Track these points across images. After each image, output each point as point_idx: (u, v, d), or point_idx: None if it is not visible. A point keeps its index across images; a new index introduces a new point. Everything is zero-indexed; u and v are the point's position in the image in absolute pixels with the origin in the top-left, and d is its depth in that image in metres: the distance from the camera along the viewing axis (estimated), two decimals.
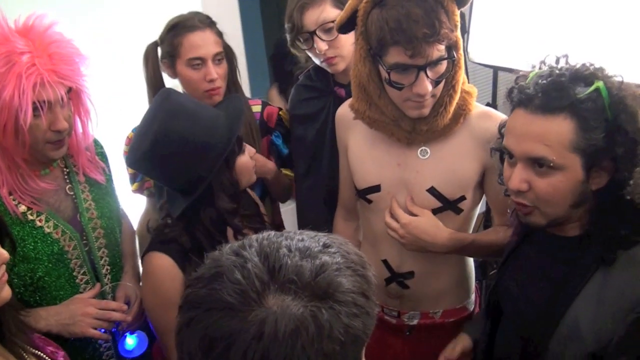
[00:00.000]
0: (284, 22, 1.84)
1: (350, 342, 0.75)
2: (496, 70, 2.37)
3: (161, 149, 1.37)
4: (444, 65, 1.40)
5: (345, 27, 1.50)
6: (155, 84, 1.88)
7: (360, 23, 1.42)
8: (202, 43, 1.80)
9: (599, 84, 1.10)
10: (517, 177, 1.17)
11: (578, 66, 1.15)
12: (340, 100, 1.87)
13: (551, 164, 1.12)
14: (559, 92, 1.10)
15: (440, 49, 1.36)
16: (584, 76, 1.12)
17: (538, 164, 1.14)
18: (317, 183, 1.97)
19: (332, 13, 1.75)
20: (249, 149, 1.54)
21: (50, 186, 1.55)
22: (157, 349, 1.67)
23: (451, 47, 1.39)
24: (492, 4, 2.11)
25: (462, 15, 2.21)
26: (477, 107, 1.56)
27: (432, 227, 1.55)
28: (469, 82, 1.57)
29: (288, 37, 1.85)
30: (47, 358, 1.20)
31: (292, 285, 0.75)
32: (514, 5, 2.04)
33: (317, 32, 1.76)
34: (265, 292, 0.74)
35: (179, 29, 1.81)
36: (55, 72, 1.40)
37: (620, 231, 1.14)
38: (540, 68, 1.21)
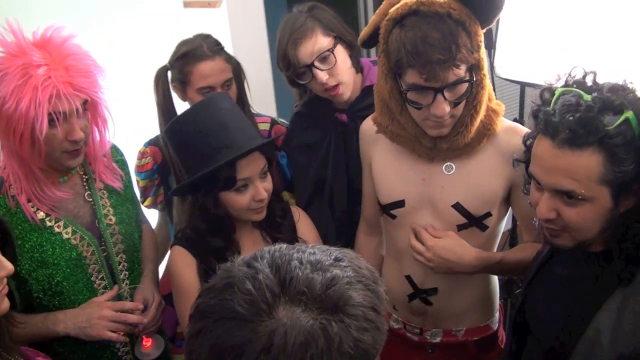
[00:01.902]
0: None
1: (360, 356, 0.74)
2: (523, 86, 2.34)
3: (176, 128, 1.55)
4: (463, 87, 1.37)
5: (368, 42, 1.49)
6: (165, 108, 1.90)
7: (382, 41, 1.41)
8: (211, 72, 1.82)
9: (629, 114, 1.06)
10: (545, 206, 1.15)
11: (606, 90, 1.11)
12: (342, 126, 1.88)
13: (580, 197, 1.09)
14: (586, 127, 1.05)
15: (457, 72, 1.34)
16: (613, 105, 1.07)
17: (566, 195, 1.11)
18: (320, 213, 1.92)
19: (324, 42, 1.73)
20: (258, 193, 1.51)
21: (66, 195, 1.56)
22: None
23: (472, 69, 1.37)
24: (520, 19, 2.09)
25: (490, 31, 2.20)
26: (504, 122, 1.53)
27: (458, 246, 1.53)
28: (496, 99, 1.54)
29: (285, 75, 1.82)
30: None
31: (302, 297, 0.74)
32: (542, 21, 2.01)
33: (315, 64, 1.73)
34: (276, 303, 0.74)
35: (188, 58, 1.83)
36: (72, 84, 1.41)
37: None
38: (566, 83, 1.17)
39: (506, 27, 2.12)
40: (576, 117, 1.06)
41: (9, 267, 1.11)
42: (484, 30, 1.39)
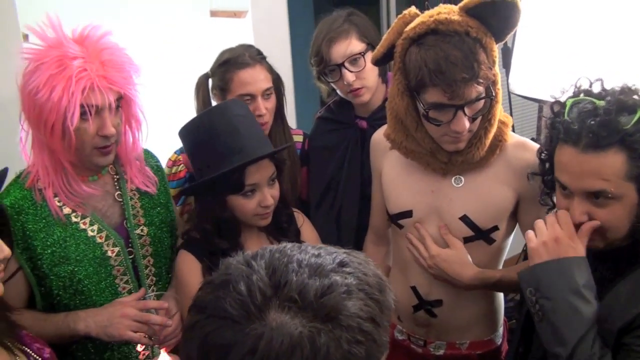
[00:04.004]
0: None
1: None
2: (541, 105, 2.34)
3: (190, 130, 1.58)
4: (481, 103, 1.38)
5: (382, 60, 1.51)
6: None
7: (398, 59, 1.42)
8: (251, 80, 1.83)
9: None
10: (577, 210, 1.19)
11: (617, 91, 1.17)
12: (362, 132, 1.95)
13: (610, 195, 1.14)
14: (608, 129, 1.11)
15: (478, 89, 1.35)
16: (627, 105, 1.14)
17: (595, 196, 1.16)
18: (330, 215, 1.99)
19: (358, 46, 1.81)
20: (264, 199, 1.54)
21: (95, 191, 1.52)
22: None
23: (489, 85, 1.38)
24: (539, 35, 2.08)
25: (508, 49, 2.20)
26: (513, 137, 1.54)
27: (458, 263, 1.54)
28: (512, 113, 1.56)
29: (314, 70, 1.90)
30: (33, 354, 1.21)
31: (293, 304, 0.72)
32: (561, 38, 2.00)
33: (345, 64, 1.80)
34: (267, 306, 0.72)
35: (230, 65, 1.84)
36: (106, 78, 1.39)
37: None
38: (574, 93, 1.23)
39: (524, 43, 2.12)
40: (597, 121, 1.12)
41: (7, 250, 1.12)
42: (501, 46, 1.42)
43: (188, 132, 1.58)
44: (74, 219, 1.51)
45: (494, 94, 1.40)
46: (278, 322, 0.71)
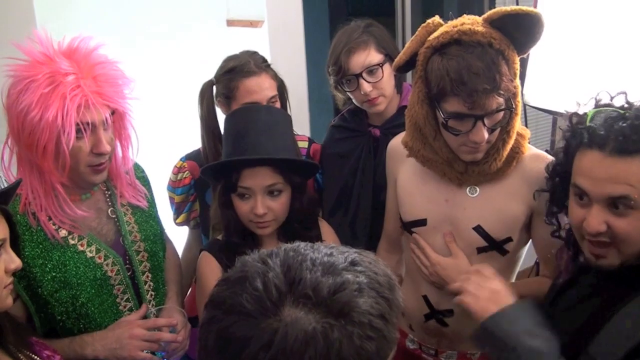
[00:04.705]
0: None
1: None
2: (555, 118, 2.33)
3: (225, 120, 1.67)
4: (501, 114, 1.37)
5: (404, 68, 1.50)
6: (208, 122, 1.90)
7: (420, 67, 1.41)
8: (257, 88, 1.83)
9: None
10: (596, 219, 1.14)
11: None
12: (375, 140, 1.97)
13: (632, 202, 1.10)
14: (638, 133, 1.08)
15: (499, 101, 1.33)
16: None
17: (615, 205, 1.12)
18: (344, 222, 1.99)
19: (376, 57, 1.83)
20: (255, 207, 1.53)
21: (87, 214, 1.46)
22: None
23: (510, 97, 1.37)
24: (553, 48, 2.08)
25: (523, 60, 2.20)
26: (530, 150, 1.53)
27: (457, 272, 1.51)
28: (527, 126, 1.55)
29: (332, 79, 1.90)
30: None
31: (307, 300, 0.74)
32: (576, 51, 2.01)
33: (363, 75, 1.82)
34: (282, 303, 0.74)
35: (235, 73, 1.84)
36: (100, 94, 1.34)
37: None
38: (596, 105, 1.20)
39: (539, 55, 2.12)
40: (628, 123, 1.10)
41: (18, 261, 1.10)
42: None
43: (225, 120, 1.66)
44: (71, 241, 1.45)
45: (514, 106, 1.39)
46: (293, 317, 0.73)
